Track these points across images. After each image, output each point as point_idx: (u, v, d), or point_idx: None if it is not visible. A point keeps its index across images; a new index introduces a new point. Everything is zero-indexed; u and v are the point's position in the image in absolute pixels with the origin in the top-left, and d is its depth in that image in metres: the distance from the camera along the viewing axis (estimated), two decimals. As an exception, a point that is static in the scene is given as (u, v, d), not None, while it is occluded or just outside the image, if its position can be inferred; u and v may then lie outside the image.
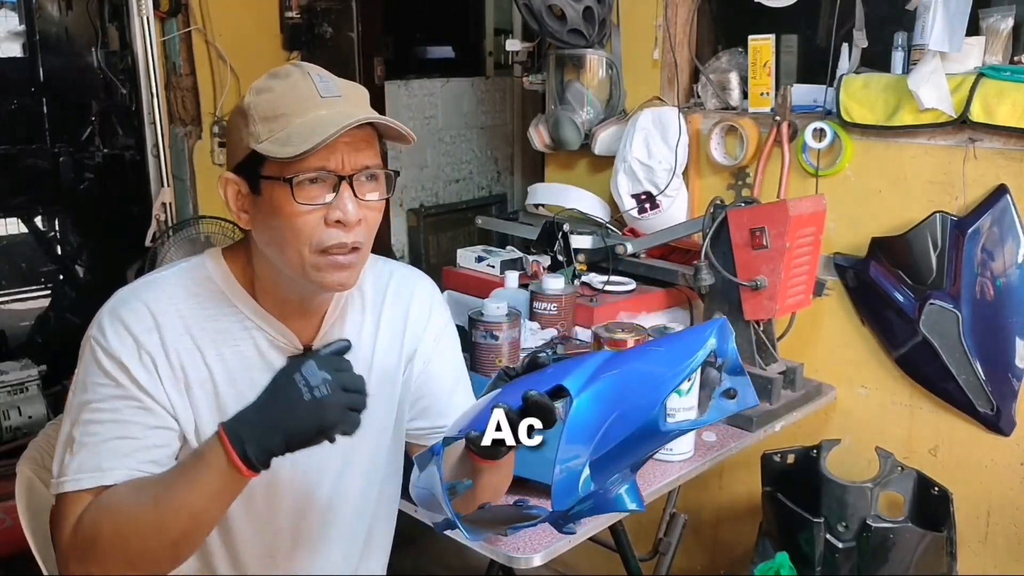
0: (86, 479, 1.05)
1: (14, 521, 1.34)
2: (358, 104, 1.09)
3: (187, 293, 1.14)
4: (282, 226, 1.07)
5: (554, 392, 0.95)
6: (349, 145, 1.07)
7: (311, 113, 1.05)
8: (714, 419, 1.05)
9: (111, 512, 1.03)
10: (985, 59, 1.83)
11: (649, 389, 0.96)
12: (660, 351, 1.01)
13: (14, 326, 3.71)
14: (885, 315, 1.97)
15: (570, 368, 0.98)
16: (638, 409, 0.95)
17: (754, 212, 1.80)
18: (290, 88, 1.08)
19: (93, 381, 1.09)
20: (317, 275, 1.09)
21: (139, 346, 1.09)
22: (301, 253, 1.08)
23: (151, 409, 1.09)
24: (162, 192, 2.95)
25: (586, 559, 2.47)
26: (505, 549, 1.33)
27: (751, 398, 1.01)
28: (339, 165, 1.06)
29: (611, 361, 0.99)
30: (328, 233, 1.07)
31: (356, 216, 1.07)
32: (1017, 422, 1.86)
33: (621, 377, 0.97)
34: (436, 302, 1.33)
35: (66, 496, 1.06)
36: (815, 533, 1.84)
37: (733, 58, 2.24)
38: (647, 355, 1.02)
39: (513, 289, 1.98)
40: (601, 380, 0.96)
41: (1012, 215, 1.79)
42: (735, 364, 1.00)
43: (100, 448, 1.06)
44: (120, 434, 1.07)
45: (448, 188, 3.80)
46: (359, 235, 1.09)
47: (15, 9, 3.52)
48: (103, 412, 1.07)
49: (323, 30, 3.35)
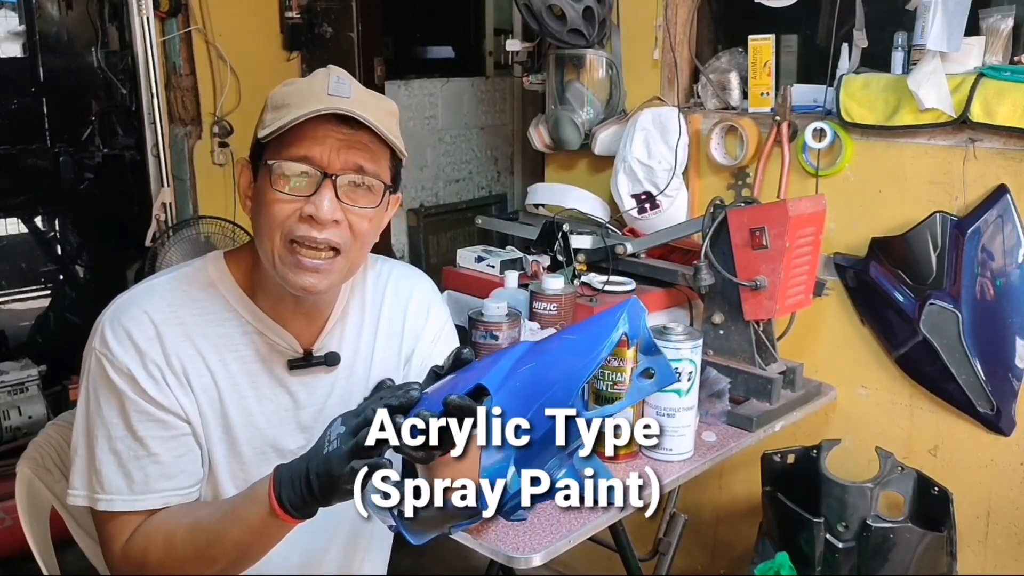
0: (119, 502, 1.08)
1: (14, 521, 1.34)
2: (367, 110, 1.07)
3: (188, 299, 1.14)
4: (262, 212, 1.08)
5: (476, 391, 0.93)
6: (342, 143, 1.06)
7: (311, 106, 1.05)
8: (633, 401, 1.04)
9: (164, 539, 1.06)
10: (985, 59, 1.83)
11: (565, 379, 0.94)
12: (573, 339, 1.00)
13: (14, 326, 3.71)
14: (885, 315, 1.97)
15: (490, 365, 0.96)
16: (555, 400, 0.94)
17: (754, 212, 1.80)
18: (306, 83, 1.09)
19: (103, 395, 1.09)
20: (283, 270, 1.08)
21: (143, 356, 1.09)
22: (273, 241, 1.07)
23: (164, 421, 1.10)
24: (162, 192, 2.95)
25: (586, 559, 2.47)
26: (505, 549, 1.33)
27: (669, 376, 0.99)
28: (325, 160, 1.06)
29: (528, 354, 0.98)
30: (298, 225, 1.06)
31: (331, 215, 1.06)
32: (1017, 422, 1.86)
33: (538, 369, 0.96)
34: (435, 302, 1.33)
35: (107, 516, 1.09)
36: (815, 533, 1.84)
37: (733, 58, 2.24)
38: (562, 344, 1.01)
39: (513, 289, 1.98)
40: (518, 375, 0.95)
41: (1012, 215, 1.79)
42: (648, 343, 0.98)
43: (126, 468, 1.08)
44: (141, 453, 1.09)
45: (448, 188, 3.80)
46: (334, 235, 1.07)
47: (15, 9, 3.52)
48: (120, 428, 1.09)
49: (323, 30, 3.34)
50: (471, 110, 3.84)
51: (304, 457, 0.96)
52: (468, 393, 0.92)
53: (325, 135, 1.05)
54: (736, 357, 1.85)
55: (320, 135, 1.05)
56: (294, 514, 0.96)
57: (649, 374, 0.99)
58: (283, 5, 3.28)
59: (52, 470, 1.35)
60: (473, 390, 0.93)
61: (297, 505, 0.95)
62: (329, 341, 1.21)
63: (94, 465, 1.08)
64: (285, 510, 0.95)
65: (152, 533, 1.07)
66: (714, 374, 1.77)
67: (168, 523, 1.07)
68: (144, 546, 1.07)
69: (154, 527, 1.07)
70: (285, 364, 1.18)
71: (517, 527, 1.38)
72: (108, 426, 1.08)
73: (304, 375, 1.20)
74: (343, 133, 1.06)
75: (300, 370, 1.19)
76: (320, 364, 1.20)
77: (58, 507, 1.34)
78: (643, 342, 0.98)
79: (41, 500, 1.34)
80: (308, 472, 0.93)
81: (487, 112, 3.91)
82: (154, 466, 1.09)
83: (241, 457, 1.17)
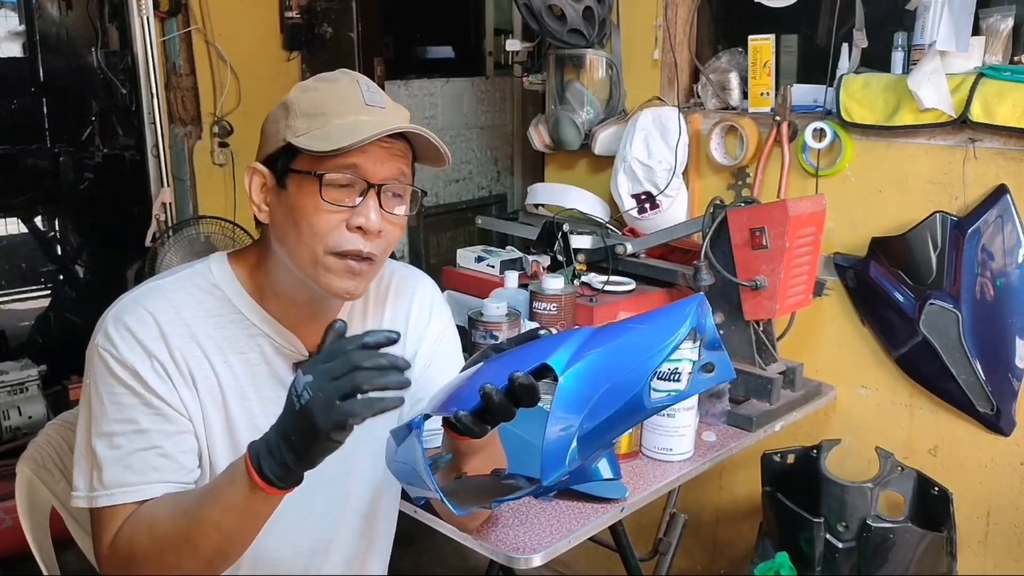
0: (119, 494, 1.06)
1: (14, 521, 1.34)
2: (400, 118, 1.10)
3: (192, 301, 1.13)
4: (302, 222, 1.07)
5: (538, 371, 0.95)
6: (384, 154, 1.08)
7: (352, 116, 1.06)
8: (694, 392, 1.07)
9: (148, 527, 1.03)
10: (985, 59, 1.83)
11: (634, 366, 0.97)
12: (642, 328, 1.01)
13: (14, 326, 3.72)
14: (885, 315, 1.97)
15: (554, 346, 0.97)
16: (624, 385, 0.96)
17: (754, 212, 1.80)
18: (336, 91, 1.09)
19: (108, 391, 1.08)
20: (326, 277, 1.09)
21: (148, 352, 1.08)
22: (315, 252, 1.07)
23: (168, 416, 1.09)
24: (162, 192, 2.95)
25: (586, 559, 2.48)
26: (505, 549, 1.33)
27: (728, 372, 1.02)
28: (370, 172, 1.07)
29: (594, 338, 0.99)
30: (346, 237, 1.07)
31: (378, 226, 1.07)
32: (1017, 422, 1.86)
33: (607, 355, 0.97)
34: (437, 303, 1.33)
35: (102, 511, 1.07)
36: (815, 533, 1.84)
37: (733, 58, 2.24)
38: (630, 331, 1.02)
39: (513, 289, 1.98)
40: (586, 358, 0.96)
41: (1012, 215, 1.79)
42: (713, 339, 1.01)
43: (127, 461, 1.06)
44: (144, 445, 1.07)
45: (448, 188, 3.80)
46: (377, 247, 1.09)
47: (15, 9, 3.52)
48: (123, 423, 1.07)
49: (323, 30, 3.35)
50: (471, 110, 3.84)
51: (274, 426, 0.94)
52: (532, 372, 0.94)
53: (371, 147, 1.06)
54: (736, 357, 1.85)
55: (367, 147, 1.06)
56: (278, 484, 0.93)
57: (709, 368, 1.01)
58: (283, 5, 3.29)
59: (52, 470, 1.34)
60: (538, 368, 0.95)
61: (280, 474, 0.93)
62: None
63: (95, 462, 1.07)
64: (268, 481, 0.93)
65: (137, 522, 1.05)
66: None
67: (151, 511, 1.05)
68: (131, 536, 1.04)
69: (138, 516, 1.05)
70: (290, 367, 1.18)
71: (517, 527, 1.38)
72: (111, 421, 1.07)
73: None
74: (386, 144, 1.07)
75: None
76: None
77: (58, 507, 1.34)
78: (708, 337, 1.01)
79: (41, 500, 1.34)
80: (286, 435, 0.91)
81: (487, 112, 3.91)
82: (157, 458, 1.07)
83: None
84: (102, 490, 1.06)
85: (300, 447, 0.91)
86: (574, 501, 1.45)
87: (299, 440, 0.90)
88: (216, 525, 0.98)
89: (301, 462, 0.92)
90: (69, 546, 1.36)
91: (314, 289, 1.11)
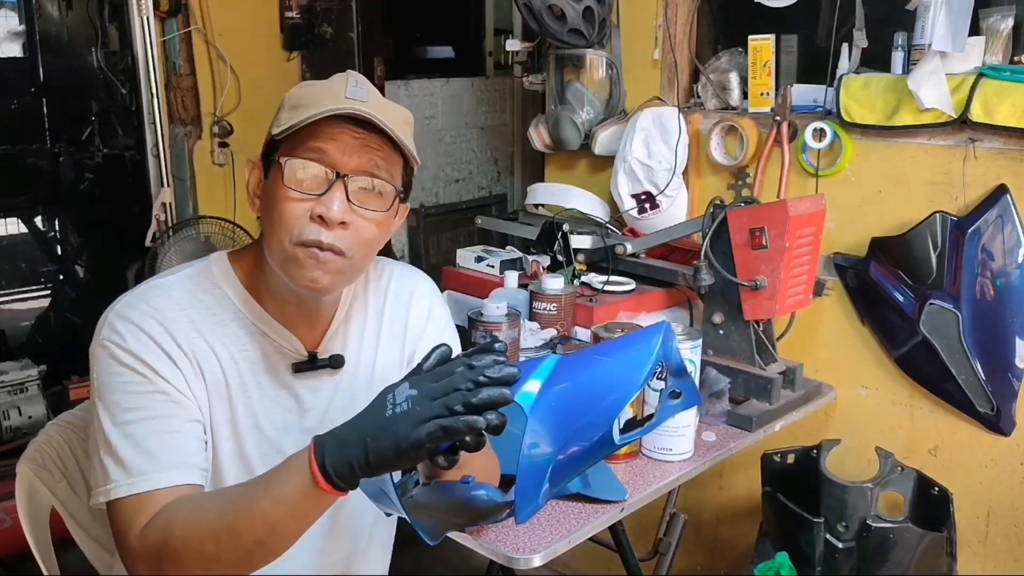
0: (140, 482, 1.03)
1: (14, 521, 1.34)
2: (383, 114, 1.07)
3: (193, 299, 1.13)
4: (273, 211, 1.07)
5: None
6: (355, 144, 1.06)
7: (328, 106, 1.05)
8: (662, 421, 1.07)
9: (188, 513, 1.00)
10: (985, 59, 1.83)
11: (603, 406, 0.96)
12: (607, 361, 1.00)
13: (14, 326, 3.71)
14: (885, 315, 1.97)
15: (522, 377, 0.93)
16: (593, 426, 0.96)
17: (754, 212, 1.80)
18: (326, 86, 1.09)
19: (117, 381, 1.06)
20: (291, 267, 1.07)
21: (156, 343, 1.08)
22: (283, 242, 1.06)
23: (180, 402, 1.08)
24: (162, 192, 2.95)
25: (586, 559, 2.48)
26: (505, 549, 1.33)
27: (696, 398, 1.04)
28: (338, 160, 1.06)
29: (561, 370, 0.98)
30: (309, 227, 1.05)
31: (339, 216, 1.05)
32: (1017, 422, 1.86)
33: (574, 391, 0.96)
34: (436, 302, 1.33)
35: (124, 502, 1.03)
36: (815, 533, 1.84)
37: (733, 58, 2.24)
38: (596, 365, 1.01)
39: (513, 289, 1.98)
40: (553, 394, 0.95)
41: (1012, 215, 1.79)
42: (679, 366, 1.02)
43: (145, 446, 1.04)
44: (159, 429, 1.05)
45: (448, 188, 3.80)
46: (341, 239, 1.06)
47: (15, 9, 3.52)
48: (136, 411, 1.05)
49: (323, 30, 3.35)
50: (471, 110, 3.84)
51: (351, 424, 0.90)
52: None
53: (340, 134, 1.05)
54: (736, 357, 1.85)
55: (335, 134, 1.05)
56: (338, 484, 0.89)
57: (676, 395, 1.02)
58: (283, 5, 3.29)
59: (52, 470, 1.34)
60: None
61: (343, 474, 0.88)
62: (333, 343, 1.21)
63: (113, 453, 1.04)
64: (329, 479, 0.89)
65: (176, 510, 1.01)
66: (714, 374, 1.77)
67: (194, 498, 1.02)
68: (167, 523, 1.00)
69: (178, 504, 1.02)
70: (289, 367, 1.17)
71: (517, 527, 1.38)
72: (123, 410, 1.05)
73: (308, 378, 1.19)
74: (357, 134, 1.06)
75: (304, 373, 1.19)
76: (324, 367, 1.20)
77: (58, 507, 1.34)
78: (674, 365, 1.01)
79: (41, 500, 1.34)
80: (362, 437, 0.88)
81: (487, 112, 3.91)
82: (174, 441, 1.05)
83: (247, 458, 1.16)
84: (124, 480, 1.03)
85: (373, 452, 0.87)
86: (574, 501, 1.45)
87: (375, 445, 0.87)
88: (264, 516, 0.94)
89: (367, 467, 0.88)
90: (69, 546, 1.36)
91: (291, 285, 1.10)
